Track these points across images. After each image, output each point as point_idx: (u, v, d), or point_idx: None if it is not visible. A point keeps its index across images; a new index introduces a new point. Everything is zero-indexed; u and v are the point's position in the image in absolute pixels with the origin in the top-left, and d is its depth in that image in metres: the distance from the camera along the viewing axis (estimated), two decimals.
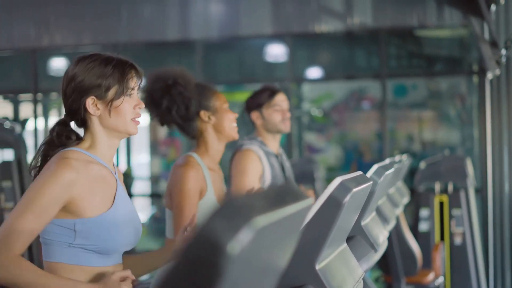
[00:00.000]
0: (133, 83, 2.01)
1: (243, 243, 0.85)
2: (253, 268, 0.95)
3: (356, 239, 2.20)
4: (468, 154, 7.05)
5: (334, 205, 1.50)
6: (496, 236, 6.53)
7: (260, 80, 7.51)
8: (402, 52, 7.56)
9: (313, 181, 6.31)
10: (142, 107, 2.03)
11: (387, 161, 3.44)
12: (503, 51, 5.91)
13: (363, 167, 7.38)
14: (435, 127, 7.62)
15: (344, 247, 1.78)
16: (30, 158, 2.22)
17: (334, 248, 1.67)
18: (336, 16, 7.06)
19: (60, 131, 2.01)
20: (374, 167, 2.41)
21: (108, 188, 1.99)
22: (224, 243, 0.83)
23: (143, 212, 8.19)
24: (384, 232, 2.56)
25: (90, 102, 1.97)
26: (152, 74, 2.89)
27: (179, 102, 2.83)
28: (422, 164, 6.17)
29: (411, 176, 6.47)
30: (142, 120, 2.06)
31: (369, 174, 2.34)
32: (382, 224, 2.68)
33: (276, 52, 7.60)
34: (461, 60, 7.33)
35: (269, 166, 3.48)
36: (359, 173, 1.77)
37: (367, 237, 2.23)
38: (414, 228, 5.83)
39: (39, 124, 7.86)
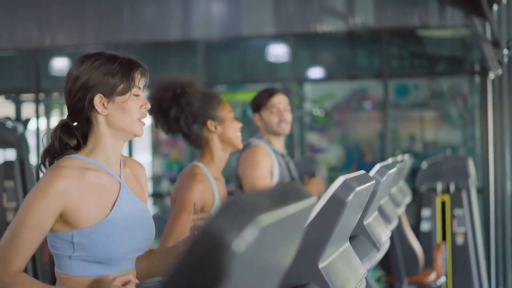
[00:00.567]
0: (139, 81, 1.97)
1: (248, 241, 0.85)
2: (257, 266, 0.95)
3: (359, 238, 2.20)
4: (470, 154, 7.04)
5: (337, 204, 1.50)
6: (498, 236, 6.52)
7: (261, 80, 7.52)
8: (404, 52, 7.56)
9: None
10: (148, 107, 1.99)
11: (389, 160, 3.44)
12: (505, 51, 5.91)
13: (365, 167, 7.38)
14: (437, 127, 7.62)
15: (347, 246, 1.78)
16: (32, 158, 2.21)
17: (337, 247, 1.68)
18: (338, 16, 7.07)
19: (62, 137, 1.96)
20: (377, 167, 2.41)
21: (106, 195, 1.93)
22: (229, 241, 0.84)
23: None
24: (386, 232, 2.56)
25: (98, 100, 1.93)
26: (161, 82, 2.87)
27: (187, 112, 2.83)
28: (424, 164, 6.17)
29: (413, 176, 6.47)
30: (146, 121, 2.04)
31: (371, 173, 2.35)
32: (384, 224, 2.68)
33: (277, 52, 7.60)
34: (463, 60, 7.33)
35: (277, 163, 3.50)
36: (362, 172, 1.77)
37: (369, 236, 2.23)
38: (416, 228, 5.83)
39: (41, 124, 7.87)
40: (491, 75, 6.46)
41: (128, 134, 1.98)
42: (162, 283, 0.87)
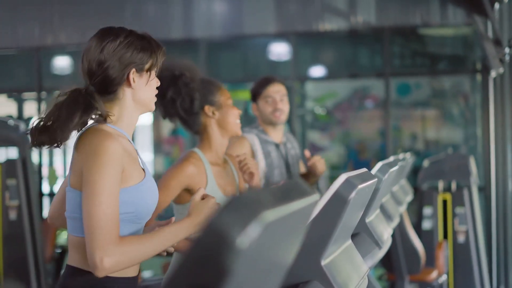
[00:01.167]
0: (161, 60, 2.09)
1: (252, 237, 0.86)
2: (260, 263, 0.96)
3: (361, 236, 2.21)
4: (471, 152, 7.04)
5: (339, 201, 1.51)
6: (500, 234, 6.53)
7: None
8: (406, 50, 7.56)
9: None
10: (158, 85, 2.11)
11: (391, 159, 3.45)
12: (507, 50, 5.91)
13: (364, 166, 7.38)
14: (438, 126, 7.62)
15: (349, 244, 1.79)
16: (34, 157, 2.22)
17: (339, 244, 1.68)
18: (340, 14, 7.07)
19: (93, 103, 2.00)
20: (379, 165, 2.42)
21: (136, 159, 2.03)
22: (233, 237, 0.84)
23: None
24: (388, 229, 2.57)
25: (132, 74, 2.02)
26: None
27: (184, 94, 2.82)
28: (426, 163, 6.18)
29: (415, 174, 6.47)
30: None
31: (373, 171, 2.35)
32: (386, 222, 2.69)
33: (279, 50, 7.60)
34: (464, 58, 7.33)
35: (262, 154, 3.47)
36: (364, 170, 1.78)
37: (371, 234, 2.24)
38: (417, 226, 5.84)
39: None
40: (493, 74, 6.46)
41: (146, 109, 2.09)
42: (167, 279, 0.87)
